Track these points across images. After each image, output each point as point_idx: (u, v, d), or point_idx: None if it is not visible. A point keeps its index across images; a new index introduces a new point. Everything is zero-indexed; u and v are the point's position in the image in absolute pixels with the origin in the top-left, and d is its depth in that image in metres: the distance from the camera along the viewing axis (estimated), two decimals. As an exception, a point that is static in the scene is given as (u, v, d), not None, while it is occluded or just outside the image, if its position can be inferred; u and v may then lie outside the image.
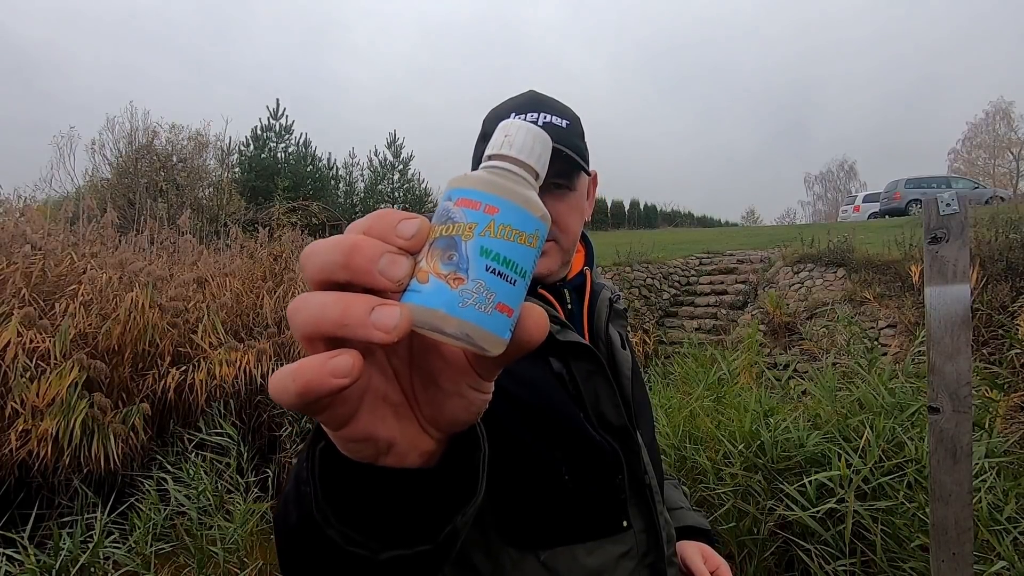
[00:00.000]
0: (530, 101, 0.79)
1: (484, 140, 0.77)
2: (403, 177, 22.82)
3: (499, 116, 0.78)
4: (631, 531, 0.76)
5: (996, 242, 5.72)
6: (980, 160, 31.75)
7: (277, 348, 4.56)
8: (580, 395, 0.75)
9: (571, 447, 0.73)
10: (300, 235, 6.22)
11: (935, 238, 1.38)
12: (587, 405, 0.75)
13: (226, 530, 2.66)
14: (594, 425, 0.75)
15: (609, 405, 0.77)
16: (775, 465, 2.41)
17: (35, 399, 3.12)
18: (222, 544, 2.61)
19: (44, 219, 4.75)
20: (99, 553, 2.42)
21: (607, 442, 0.75)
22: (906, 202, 15.27)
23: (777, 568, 2.33)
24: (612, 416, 0.77)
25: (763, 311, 7.51)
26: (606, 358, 0.81)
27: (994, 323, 4.87)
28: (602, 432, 0.75)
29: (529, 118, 0.75)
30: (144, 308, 3.79)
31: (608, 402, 0.77)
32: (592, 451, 0.74)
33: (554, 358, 0.75)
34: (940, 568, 1.40)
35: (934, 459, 1.41)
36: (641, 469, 0.79)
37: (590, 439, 0.74)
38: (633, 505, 0.77)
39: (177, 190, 14.64)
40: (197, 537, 2.66)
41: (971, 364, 1.39)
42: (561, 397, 0.74)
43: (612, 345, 0.84)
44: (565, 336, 0.74)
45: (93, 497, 3.01)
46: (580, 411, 0.74)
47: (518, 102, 0.79)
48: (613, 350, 0.84)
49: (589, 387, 0.75)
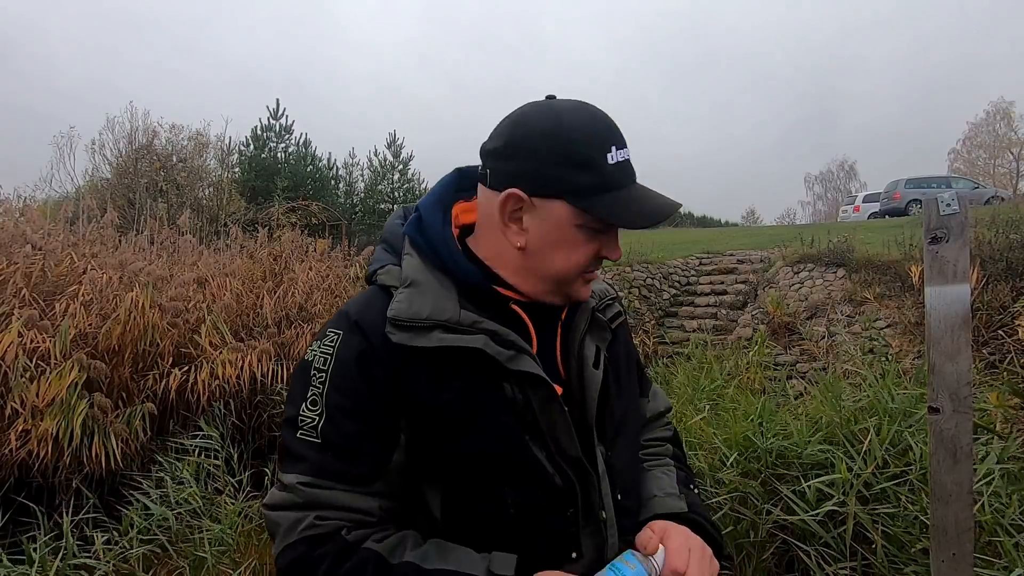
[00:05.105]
0: (613, 130, 0.71)
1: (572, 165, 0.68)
2: (403, 177, 22.82)
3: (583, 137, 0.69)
4: (581, 560, 0.73)
5: (996, 242, 5.72)
6: (980, 160, 31.76)
7: (278, 348, 4.57)
8: (536, 423, 0.71)
9: (519, 479, 0.70)
10: (300, 235, 6.21)
11: (935, 238, 1.38)
12: (544, 434, 0.72)
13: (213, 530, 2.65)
14: (551, 454, 0.72)
15: (564, 435, 0.73)
16: (773, 471, 2.41)
17: (35, 399, 3.12)
18: (211, 547, 2.59)
19: (44, 219, 4.75)
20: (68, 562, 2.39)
21: (561, 473, 0.72)
22: (906, 202, 15.28)
23: (777, 568, 2.33)
24: (567, 446, 0.73)
25: (763, 311, 7.51)
26: (576, 379, 0.78)
27: (994, 323, 4.87)
28: (559, 461, 0.72)
29: (620, 155, 0.70)
30: (144, 308, 3.79)
31: (563, 432, 0.73)
32: (542, 484, 0.71)
33: (507, 383, 0.70)
34: (940, 568, 1.40)
35: (934, 459, 1.41)
36: (597, 501, 0.75)
37: (540, 472, 0.71)
38: (587, 536, 0.74)
39: (177, 190, 14.65)
40: (189, 539, 2.66)
41: (971, 364, 1.39)
42: (510, 426, 0.70)
43: (584, 365, 0.78)
44: (516, 364, 0.70)
45: (93, 497, 3.01)
46: (536, 440, 0.71)
47: (602, 129, 0.70)
48: (584, 371, 0.78)
49: (545, 415, 0.72)
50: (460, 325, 0.69)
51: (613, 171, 0.69)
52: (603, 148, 0.69)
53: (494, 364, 0.69)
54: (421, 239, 0.76)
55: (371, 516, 0.70)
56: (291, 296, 5.07)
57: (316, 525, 0.67)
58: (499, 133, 0.73)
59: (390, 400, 0.69)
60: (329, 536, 0.67)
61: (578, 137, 0.68)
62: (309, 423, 0.70)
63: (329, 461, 0.68)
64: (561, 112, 0.70)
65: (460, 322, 0.69)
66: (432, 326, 0.69)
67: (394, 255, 0.78)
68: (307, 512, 0.68)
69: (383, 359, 0.69)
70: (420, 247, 0.75)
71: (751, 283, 8.91)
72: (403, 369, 0.69)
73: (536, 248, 0.72)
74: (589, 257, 0.73)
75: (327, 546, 0.66)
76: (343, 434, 0.69)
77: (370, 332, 0.70)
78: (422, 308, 0.69)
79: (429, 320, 0.69)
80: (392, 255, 0.78)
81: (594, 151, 0.68)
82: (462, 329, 0.69)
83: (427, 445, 0.70)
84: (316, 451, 0.69)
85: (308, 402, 0.70)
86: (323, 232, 9.13)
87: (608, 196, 0.69)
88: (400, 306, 0.70)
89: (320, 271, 5.64)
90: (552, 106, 0.71)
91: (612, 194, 0.69)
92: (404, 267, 0.74)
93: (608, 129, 0.71)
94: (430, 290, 0.71)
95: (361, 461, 0.69)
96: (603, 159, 0.68)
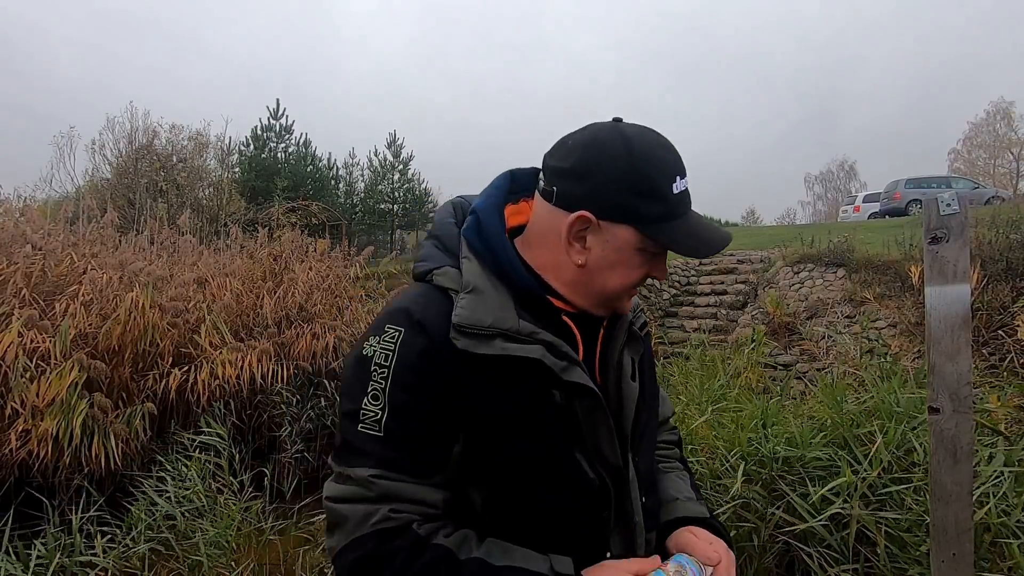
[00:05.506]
0: (678, 159, 0.75)
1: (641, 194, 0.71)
2: (403, 177, 22.81)
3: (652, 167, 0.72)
4: (612, 558, 0.77)
5: (996, 242, 5.72)
6: (980, 160, 31.75)
7: (278, 348, 4.57)
8: (579, 430, 0.75)
9: (561, 482, 0.74)
10: (300, 235, 6.21)
11: (935, 238, 1.38)
12: (586, 440, 0.75)
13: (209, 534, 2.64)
14: (591, 460, 0.76)
15: (607, 443, 0.77)
16: (775, 472, 2.40)
17: (35, 399, 3.12)
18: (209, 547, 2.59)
19: (44, 219, 4.75)
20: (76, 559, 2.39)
21: (600, 477, 0.76)
22: (906, 202, 15.27)
23: (778, 569, 2.32)
24: (609, 454, 0.77)
25: (763, 311, 7.51)
26: (613, 391, 0.81)
27: (994, 323, 4.87)
28: (598, 467, 0.76)
29: (682, 184, 0.74)
30: (144, 308, 3.79)
31: (606, 440, 0.77)
32: (582, 487, 0.75)
33: (556, 391, 0.74)
34: (940, 568, 1.40)
35: (934, 459, 1.41)
36: (629, 505, 0.79)
37: (581, 476, 0.75)
38: (616, 536, 0.79)
39: (177, 190, 14.65)
40: (190, 538, 2.66)
41: (971, 364, 1.39)
42: (558, 433, 0.74)
43: (622, 376, 0.82)
44: (568, 375, 0.73)
45: (97, 495, 3.01)
46: (579, 446, 0.75)
47: (669, 159, 0.73)
48: (622, 382, 0.82)
49: (589, 424, 0.76)
50: (520, 335, 0.72)
51: (676, 201, 0.73)
52: (669, 178, 0.72)
53: (548, 373, 0.72)
54: (480, 244, 0.77)
55: (437, 508, 0.72)
56: (291, 296, 5.07)
57: (390, 518, 0.69)
58: (568, 153, 0.74)
59: (450, 400, 0.71)
60: (402, 530, 0.69)
61: (648, 167, 0.71)
62: (372, 417, 0.71)
63: (394, 455, 0.70)
64: (631, 139, 0.72)
65: (519, 332, 0.72)
66: (494, 334, 0.71)
67: (447, 255, 0.79)
68: (379, 505, 0.69)
69: (446, 361, 0.71)
70: (479, 252, 0.77)
71: (751, 283, 8.91)
72: (464, 373, 0.71)
73: (596, 267, 0.75)
74: (641, 277, 0.77)
75: (400, 539, 0.69)
76: (406, 429, 0.71)
77: (433, 333, 0.72)
78: (484, 316, 0.72)
79: (492, 328, 0.71)
80: (446, 255, 0.79)
81: (662, 181, 0.72)
82: (521, 339, 0.72)
83: (479, 447, 0.73)
84: (380, 445, 0.70)
85: (369, 396, 0.71)
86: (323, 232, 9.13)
87: (671, 225, 0.73)
88: (464, 312, 0.72)
89: (320, 271, 5.64)
90: (621, 131, 0.73)
91: (675, 223, 0.73)
92: (465, 272, 0.75)
93: (674, 158, 0.74)
94: (490, 298, 0.73)
95: (424, 455, 0.72)
96: (669, 189, 0.72)
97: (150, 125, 15.28)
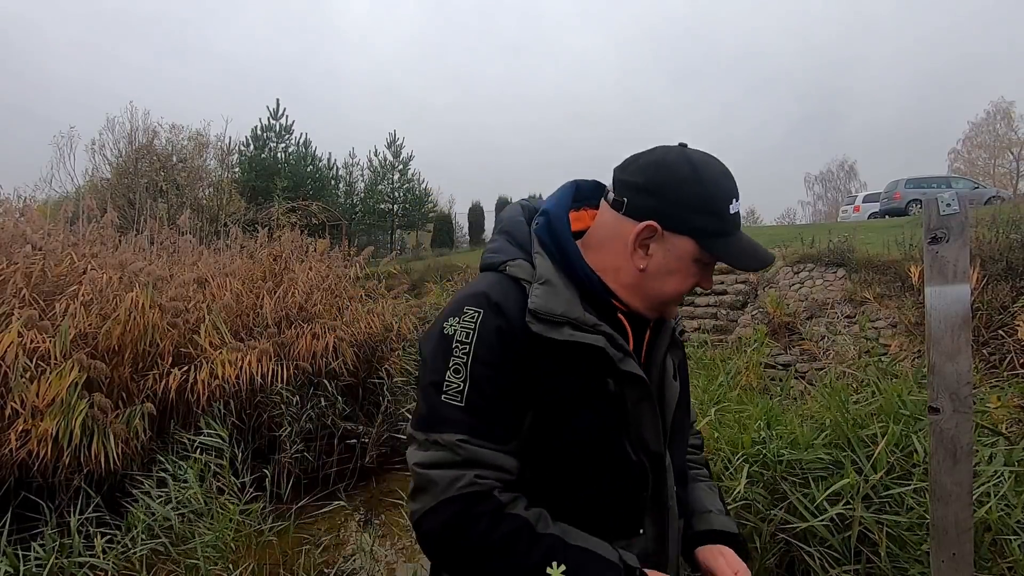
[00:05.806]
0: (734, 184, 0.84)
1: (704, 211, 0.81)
2: (403, 177, 22.82)
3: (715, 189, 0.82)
4: (644, 536, 0.87)
5: (996, 242, 5.71)
6: (980, 160, 31.75)
7: (277, 348, 4.57)
8: (627, 417, 0.84)
9: (606, 463, 0.83)
10: (300, 235, 6.21)
11: (935, 238, 1.37)
12: (631, 427, 0.85)
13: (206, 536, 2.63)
14: (634, 446, 0.85)
15: (651, 431, 0.86)
16: (778, 474, 2.39)
17: (35, 399, 3.12)
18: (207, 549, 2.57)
19: (44, 219, 4.75)
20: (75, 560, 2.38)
21: (640, 461, 0.85)
22: (906, 202, 15.25)
23: (778, 569, 2.32)
24: (652, 441, 0.87)
25: (763, 311, 7.51)
26: (656, 386, 0.90)
27: (994, 323, 4.87)
28: (640, 454, 0.85)
29: (736, 206, 0.84)
30: (144, 308, 3.79)
31: (650, 428, 0.86)
32: (626, 469, 0.84)
33: (611, 379, 0.82)
34: (940, 568, 1.40)
35: (934, 460, 1.41)
36: (664, 491, 0.89)
37: (627, 459, 0.84)
38: (650, 515, 0.88)
39: (177, 190, 14.66)
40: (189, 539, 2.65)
41: (971, 364, 1.38)
42: (610, 417, 0.83)
43: (665, 374, 0.92)
44: (625, 366, 0.82)
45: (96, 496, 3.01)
46: (624, 431, 0.84)
47: (728, 184, 0.83)
48: (664, 379, 0.92)
49: (636, 412, 0.85)
50: (585, 325, 0.81)
51: (731, 219, 0.83)
52: (728, 200, 0.83)
53: (607, 362, 0.82)
54: (551, 243, 0.87)
55: (512, 475, 0.80)
56: (291, 296, 5.07)
57: (475, 483, 0.76)
58: (640, 170, 0.84)
59: (523, 376, 0.80)
60: (485, 495, 0.76)
61: (711, 189, 0.82)
62: (455, 388, 0.78)
63: (476, 422, 0.78)
64: (696, 163, 0.82)
65: (584, 322, 0.81)
66: (564, 322, 0.80)
67: (519, 249, 0.88)
68: (465, 470, 0.76)
69: (521, 341, 0.79)
70: (550, 250, 0.86)
71: (751, 283, 8.90)
72: (537, 353, 0.80)
73: (655, 272, 0.84)
74: (692, 286, 0.87)
75: (484, 505, 0.76)
76: (487, 399, 0.78)
77: (511, 315, 0.80)
78: (556, 305, 0.81)
79: (562, 317, 0.80)
80: (518, 249, 0.88)
81: (722, 202, 0.82)
82: (586, 328, 0.81)
83: (543, 422, 0.81)
84: (463, 413, 0.78)
85: (451, 370, 0.79)
86: (323, 232, 9.13)
87: (726, 240, 0.83)
88: (539, 300, 0.81)
89: (320, 271, 5.64)
90: (688, 156, 0.83)
91: (729, 239, 0.84)
92: (538, 266, 0.85)
93: (731, 183, 0.84)
94: (560, 290, 0.83)
95: (501, 424, 0.79)
96: (727, 209, 0.83)
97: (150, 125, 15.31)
